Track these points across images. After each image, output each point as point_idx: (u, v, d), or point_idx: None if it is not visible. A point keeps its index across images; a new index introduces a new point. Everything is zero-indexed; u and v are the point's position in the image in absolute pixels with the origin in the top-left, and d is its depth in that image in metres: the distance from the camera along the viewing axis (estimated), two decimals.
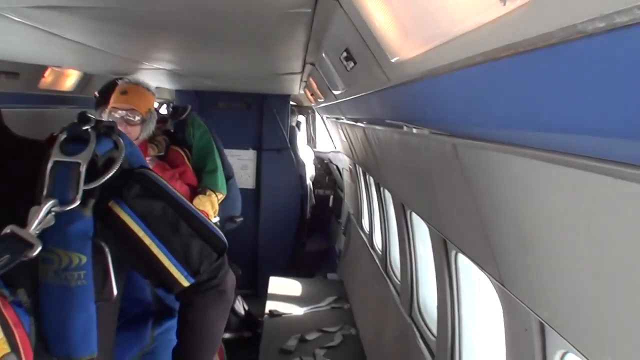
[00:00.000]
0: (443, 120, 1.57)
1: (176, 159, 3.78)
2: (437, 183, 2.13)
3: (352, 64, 1.98)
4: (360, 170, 5.75)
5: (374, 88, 1.68)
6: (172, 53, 3.70)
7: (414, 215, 3.54)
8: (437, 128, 1.67)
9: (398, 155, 2.86)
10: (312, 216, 7.77)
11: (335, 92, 2.83)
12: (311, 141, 8.71)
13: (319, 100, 4.58)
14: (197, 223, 1.59)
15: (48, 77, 4.39)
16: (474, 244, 1.89)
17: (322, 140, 8.66)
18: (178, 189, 3.24)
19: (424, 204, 2.72)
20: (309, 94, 5.54)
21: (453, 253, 2.56)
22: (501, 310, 1.85)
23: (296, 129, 7.60)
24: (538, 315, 1.47)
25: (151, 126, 3.49)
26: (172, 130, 3.91)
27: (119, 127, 2.85)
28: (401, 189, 3.35)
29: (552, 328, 1.40)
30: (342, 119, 4.52)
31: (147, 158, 3.49)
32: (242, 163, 7.19)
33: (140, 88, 3.45)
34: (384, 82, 1.66)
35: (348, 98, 2.59)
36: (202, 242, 1.58)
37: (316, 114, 8.20)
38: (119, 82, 3.51)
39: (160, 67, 4.20)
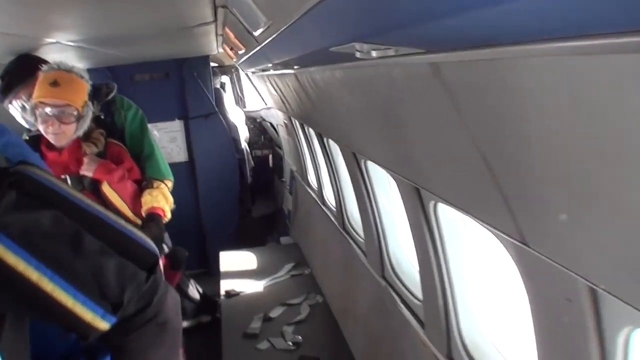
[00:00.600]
0: (413, 34, 1.11)
1: (120, 154, 3.29)
2: (407, 120, 1.69)
3: None
4: (297, 124, 5.31)
5: (309, 5, 1.21)
6: (73, 21, 3.01)
7: (370, 163, 3.12)
8: (405, 45, 1.22)
9: (344, 97, 2.43)
10: (254, 180, 7.39)
11: (257, 33, 2.32)
12: (240, 101, 8.24)
13: (239, 53, 4.05)
14: (111, 233, 1.14)
15: None
16: (471, 192, 1.46)
17: (251, 99, 8.21)
18: (129, 190, 3.21)
19: (385, 151, 2.31)
20: (228, 50, 5.00)
21: (431, 204, 2.14)
22: (521, 276, 1.42)
23: (221, 90, 7.11)
24: (590, 282, 1.06)
25: (88, 121, 3.04)
26: (101, 117, 3.31)
27: (47, 127, 2.91)
28: (351, 137, 2.93)
29: (617, 297, 1.00)
30: (270, 71, 4.07)
31: (85, 158, 3.11)
32: (171, 135, 6.65)
33: (74, 76, 2.97)
34: None
35: (274, 35, 2.09)
36: (120, 260, 1.11)
37: (240, 71, 7.72)
38: (43, 67, 2.98)
39: (65, 41, 3.52)
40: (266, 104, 7.29)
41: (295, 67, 2.91)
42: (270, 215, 7.66)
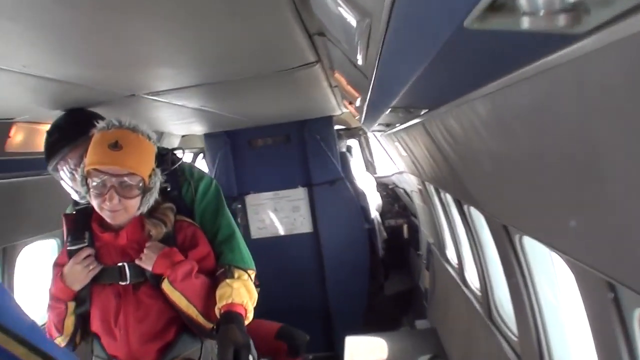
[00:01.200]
0: None
1: (194, 237, 2.57)
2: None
3: None
4: (431, 189, 4.66)
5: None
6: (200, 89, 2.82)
7: (526, 238, 2.41)
8: None
9: (489, 146, 1.68)
10: (386, 252, 6.70)
11: (360, 61, 1.65)
12: (370, 166, 7.70)
13: (357, 105, 3.45)
14: None
15: (15, 135, 3.40)
16: None
17: (382, 163, 7.74)
18: (197, 287, 2.46)
19: (553, 225, 1.52)
20: (349, 106, 4.44)
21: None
22: None
23: (348, 154, 6.61)
24: None
25: (155, 195, 2.39)
26: (167, 188, 2.64)
27: (103, 201, 2.28)
28: (501, 204, 2.18)
29: None
30: (396, 127, 3.43)
31: (147, 245, 2.42)
32: (293, 204, 6.19)
33: (140, 137, 2.33)
34: None
35: (379, 57, 1.41)
36: None
37: (368, 134, 7.22)
38: (99, 124, 2.35)
39: (190, 105, 3.21)
40: (398, 168, 6.71)
41: (422, 110, 2.25)
42: (406, 293, 6.92)
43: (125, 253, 2.44)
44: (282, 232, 6.19)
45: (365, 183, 6.59)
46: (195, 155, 7.58)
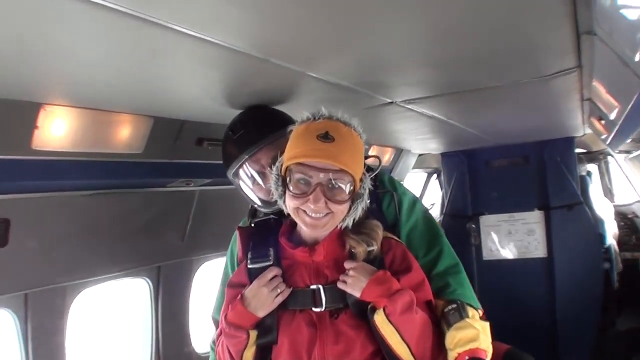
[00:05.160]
0: None
1: (404, 259, 2.07)
2: None
3: None
4: None
5: None
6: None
7: None
8: None
9: None
10: (621, 286, 6.32)
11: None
12: (608, 193, 7.34)
13: (611, 119, 3.33)
14: None
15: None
16: None
17: (621, 191, 7.33)
18: (417, 323, 1.94)
19: None
20: (597, 123, 4.28)
21: None
22: None
23: (587, 178, 6.34)
24: None
25: (364, 204, 1.96)
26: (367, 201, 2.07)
27: (305, 203, 1.86)
28: None
29: None
30: None
31: (350, 264, 1.96)
32: (529, 227, 6.04)
33: (354, 132, 1.92)
34: None
35: None
36: None
37: (609, 159, 6.90)
38: (304, 115, 1.95)
39: (437, 115, 3.25)
40: None
41: None
42: (638, 332, 6.38)
43: (321, 273, 2.01)
44: (514, 255, 6.11)
45: (603, 210, 6.32)
46: (429, 175, 7.78)
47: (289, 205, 1.91)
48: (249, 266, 2.07)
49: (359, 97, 2.71)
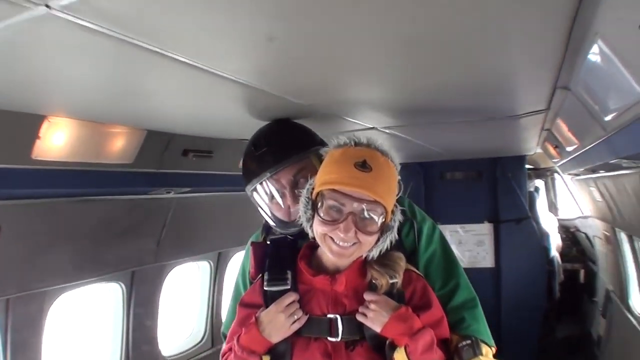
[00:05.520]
0: None
1: (425, 294, 2.00)
2: None
3: None
4: (623, 237, 4.70)
5: None
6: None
7: None
8: None
9: None
10: (561, 295, 6.70)
11: (609, 117, 1.96)
12: (552, 208, 7.75)
13: (567, 150, 3.68)
14: None
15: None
16: None
17: (565, 206, 7.75)
18: None
19: None
20: (551, 148, 4.64)
21: None
22: None
23: (535, 194, 6.72)
24: None
25: (392, 237, 1.89)
26: None
27: (336, 231, 1.78)
28: None
29: None
30: (600, 172, 3.63)
31: (370, 297, 1.90)
32: (478, 239, 6.37)
33: (390, 163, 1.86)
34: None
35: (635, 119, 1.72)
36: None
37: (556, 176, 7.32)
38: (340, 138, 1.89)
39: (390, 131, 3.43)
40: (582, 213, 6.75)
41: None
42: (576, 339, 6.89)
43: (339, 302, 1.94)
44: (464, 264, 6.25)
45: (548, 224, 6.67)
46: None
47: (317, 230, 1.84)
48: (265, 288, 2.00)
49: (344, 122, 2.93)
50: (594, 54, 1.60)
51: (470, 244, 6.34)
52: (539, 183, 7.66)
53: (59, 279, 3.08)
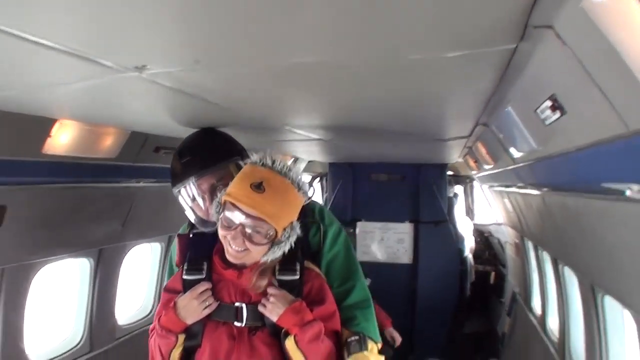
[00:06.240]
0: None
1: (321, 291, 2.27)
2: None
3: (556, 115, 1.57)
4: (529, 245, 5.18)
5: (597, 139, 1.27)
6: (336, 124, 3.17)
7: (608, 300, 2.96)
8: None
9: (597, 228, 2.36)
10: (471, 294, 7.15)
11: (517, 155, 2.41)
12: (469, 212, 8.24)
13: (484, 167, 4.13)
14: None
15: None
16: None
17: (481, 211, 8.20)
18: (322, 352, 2.16)
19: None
20: (471, 161, 5.11)
21: None
22: None
23: (454, 199, 7.19)
24: None
25: (285, 249, 2.13)
26: None
27: (227, 237, 2.06)
28: (595, 269, 2.81)
29: None
30: (512, 188, 4.07)
31: (271, 290, 2.18)
32: (399, 237, 6.82)
33: (290, 186, 2.09)
34: (617, 130, 1.24)
35: (534, 160, 2.15)
36: None
37: (474, 183, 7.80)
38: (253, 156, 2.15)
39: (317, 137, 3.76)
40: (497, 220, 7.22)
41: (545, 189, 2.90)
42: (482, 335, 7.38)
43: (245, 293, 2.22)
44: (384, 259, 6.79)
45: (464, 227, 7.12)
46: (313, 179, 8.37)
47: (219, 231, 2.11)
48: (184, 277, 2.27)
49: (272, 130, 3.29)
50: (507, 115, 2.03)
51: (391, 241, 6.75)
52: (458, 189, 8.12)
53: (42, 253, 3.46)
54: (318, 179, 8.51)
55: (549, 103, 1.58)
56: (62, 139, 2.77)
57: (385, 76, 1.83)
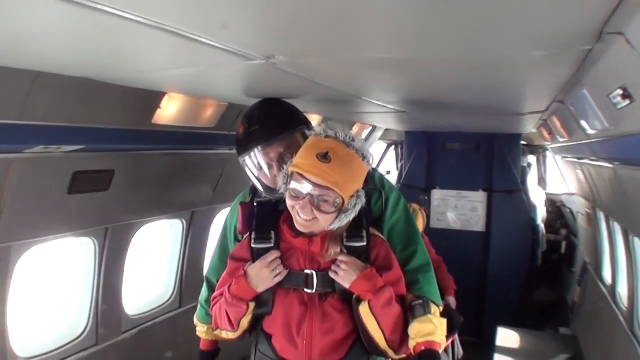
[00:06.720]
0: None
1: (387, 257, 2.33)
2: None
3: (626, 102, 1.75)
4: (601, 215, 5.25)
5: None
6: (413, 97, 3.27)
7: None
8: None
9: None
10: (542, 263, 7.20)
11: (590, 131, 2.56)
12: (541, 182, 8.23)
13: (559, 139, 4.23)
14: None
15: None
16: None
17: (553, 181, 8.22)
18: (393, 315, 2.21)
19: None
20: (545, 133, 5.18)
21: None
22: None
23: (527, 169, 7.22)
24: None
25: (351, 216, 2.18)
26: None
27: (295, 207, 2.10)
28: None
29: None
30: (585, 159, 4.16)
31: (342, 257, 2.23)
32: (472, 205, 6.96)
33: (354, 156, 2.13)
34: None
35: (606, 137, 2.32)
36: None
37: (547, 153, 7.79)
38: (318, 128, 2.20)
39: (396, 109, 3.91)
40: (569, 190, 7.23)
41: (617, 163, 3.04)
42: (552, 303, 7.44)
43: (314, 260, 2.27)
44: (457, 226, 6.96)
45: (536, 197, 7.15)
46: (388, 146, 8.54)
47: (287, 201, 2.15)
48: (253, 245, 2.31)
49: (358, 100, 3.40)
50: (582, 95, 2.21)
51: (465, 209, 6.90)
52: (531, 159, 8.09)
53: (144, 214, 3.84)
54: (393, 146, 8.65)
55: (619, 91, 1.77)
56: (169, 110, 3.04)
57: (471, 68, 2.05)
